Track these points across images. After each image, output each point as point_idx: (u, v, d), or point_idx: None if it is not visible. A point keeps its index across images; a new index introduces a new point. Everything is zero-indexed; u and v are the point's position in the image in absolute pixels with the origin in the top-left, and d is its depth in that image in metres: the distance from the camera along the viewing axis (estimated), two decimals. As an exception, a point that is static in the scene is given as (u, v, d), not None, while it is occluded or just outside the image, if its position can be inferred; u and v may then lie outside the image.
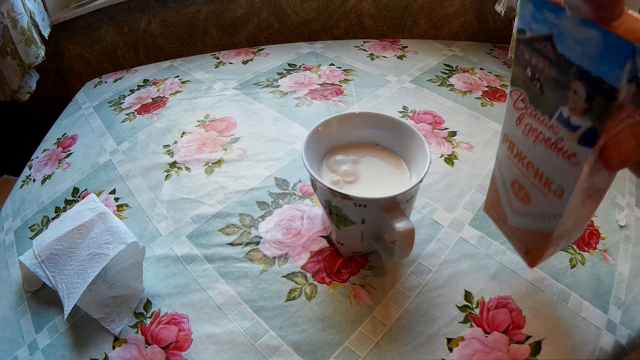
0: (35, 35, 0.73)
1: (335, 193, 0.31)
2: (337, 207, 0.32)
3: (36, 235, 0.45)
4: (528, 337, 0.34)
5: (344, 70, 0.70)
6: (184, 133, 0.56)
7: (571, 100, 0.22)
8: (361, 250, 0.39)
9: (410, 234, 0.30)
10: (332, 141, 0.39)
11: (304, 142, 0.35)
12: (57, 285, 0.36)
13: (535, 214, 0.29)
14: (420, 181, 0.31)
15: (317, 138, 0.37)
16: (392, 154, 0.39)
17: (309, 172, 0.32)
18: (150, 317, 0.36)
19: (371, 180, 0.36)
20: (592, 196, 0.27)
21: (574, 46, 0.20)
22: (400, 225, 0.29)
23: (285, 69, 0.71)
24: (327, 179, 0.35)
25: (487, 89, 0.65)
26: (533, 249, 0.30)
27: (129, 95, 0.69)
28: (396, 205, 0.31)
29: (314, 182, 0.34)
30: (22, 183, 0.56)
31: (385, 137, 0.39)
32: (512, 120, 0.27)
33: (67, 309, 0.34)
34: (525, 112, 0.26)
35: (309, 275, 0.38)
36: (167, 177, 0.49)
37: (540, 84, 0.23)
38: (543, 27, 0.22)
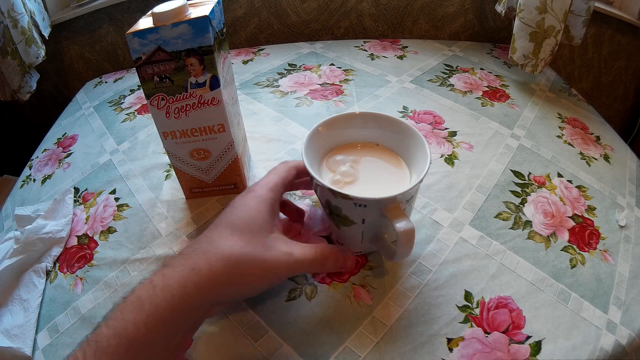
0: (36, 35, 0.73)
1: (335, 193, 0.31)
2: (337, 207, 0.32)
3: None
4: (528, 337, 0.34)
5: (344, 70, 0.70)
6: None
7: (192, 70, 0.34)
8: (361, 250, 0.39)
9: (410, 234, 0.30)
10: (332, 141, 0.39)
11: (304, 142, 0.35)
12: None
13: (219, 155, 0.41)
14: (421, 181, 0.31)
15: (317, 138, 0.37)
16: (393, 154, 0.39)
17: (309, 172, 0.32)
18: (150, 317, 0.36)
19: (371, 180, 0.36)
20: (237, 122, 0.43)
21: (175, 41, 0.32)
22: (400, 225, 0.29)
23: (285, 69, 0.71)
24: (327, 179, 0.35)
25: (487, 89, 0.65)
26: (238, 179, 0.44)
27: (129, 95, 0.69)
28: (396, 205, 0.31)
29: (314, 182, 0.34)
30: (23, 183, 0.56)
31: (386, 137, 0.39)
32: (162, 118, 0.37)
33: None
34: (169, 104, 0.36)
35: (309, 275, 0.38)
36: (167, 177, 0.49)
37: (168, 78, 0.34)
38: (151, 45, 0.32)
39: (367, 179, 0.36)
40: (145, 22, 0.33)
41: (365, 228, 0.34)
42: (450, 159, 0.50)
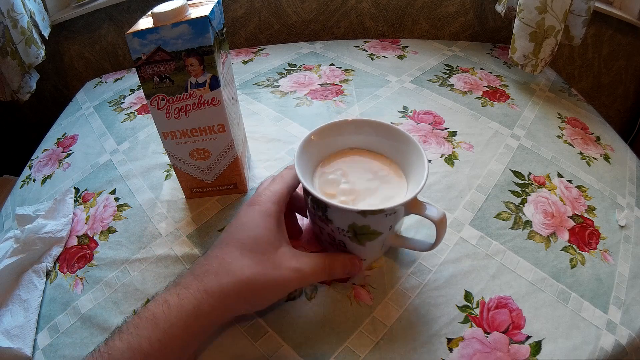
0: (36, 35, 0.73)
1: (366, 213, 0.29)
2: (365, 225, 0.31)
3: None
4: (528, 337, 0.34)
5: (344, 70, 0.70)
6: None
7: (192, 70, 0.34)
8: (379, 257, 0.38)
9: (445, 218, 0.31)
10: (308, 159, 0.36)
11: (296, 161, 0.32)
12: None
13: (219, 156, 0.41)
14: (427, 176, 0.31)
15: (304, 154, 0.34)
16: (371, 153, 0.38)
17: (328, 203, 0.30)
18: (150, 317, 0.36)
19: (370, 185, 0.35)
20: (237, 122, 0.43)
21: (175, 42, 0.32)
22: (433, 214, 0.30)
23: (285, 69, 0.71)
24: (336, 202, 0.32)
25: (487, 89, 0.65)
26: (238, 179, 0.44)
27: (129, 95, 0.69)
28: (416, 200, 0.31)
29: (331, 211, 0.31)
30: (23, 183, 0.56)
31: (365, 140, 0.37)
32: (162, 118, 0.37)
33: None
34: (169, 104, 0.36)
35: (309, 275, 0.38)
36: (167, 177, 0.49)
37: (168, 78, 0.34)
38: (151, 45, 0.33)
39: (366, 187, 0.34)
40: (145, 22, 0.33)
41: (388, 234, 0.33)
42: (450, 159, 0.50)
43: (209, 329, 0.28)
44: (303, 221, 0.40)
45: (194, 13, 0.33)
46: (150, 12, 0.34)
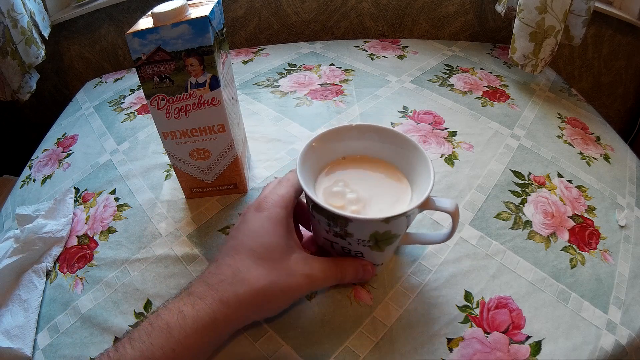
0: (36, 35, 0.73)
1: (389, 219, 0.29)
2: (387, 231, 0.30)
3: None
4: (528, 337, 0.34)
5: (344, 70, 0.70)
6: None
7: (192, 70, 0.34)
8: (391, 257, 0.38)
9: (458, 207, 0.31)
10: (310, 167, 0.35)
11: (299, 171, 0.31)
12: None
13: (219, 156, 0.41)
14: (434, 173, 0.31)
15: (306, 162, 0.34)
16: (370, 158, 0.37)
17: (348, 218, 0.29)
18: (150, 317, 0.36)
19: (375, 192, 0.34)
20: (237, 122, 0.43)
21: (175, 42, 0.32)
22: (447, 205, 0.30)
23: (285, 69, 0.71)
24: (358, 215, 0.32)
25: (487, 89, 0.65)
26: (238, 179, 0.44)
27: (129, 95, 0.69)
28: (428, 198, 0.31)
29: (349, 226, 0.29)
30: (23, 183, 0.56)
31: (365, 146, 0.37)
32: (162, 118, 0.37)
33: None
34: (169, 104, 0.36)
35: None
36: (167, 177, 0.49)
37: (168, 78, 0.34)
38: (151, 45, 0.33)
39: (371, 193, 0.34)
40: (145, 22, 0.33)
41: (403, 234, 0.33)
42: (450, 159, 0.50)
43: (222, 339, 0.29)
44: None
45: (194, 13, 0.33)
46: (150, 12, 0.34)
